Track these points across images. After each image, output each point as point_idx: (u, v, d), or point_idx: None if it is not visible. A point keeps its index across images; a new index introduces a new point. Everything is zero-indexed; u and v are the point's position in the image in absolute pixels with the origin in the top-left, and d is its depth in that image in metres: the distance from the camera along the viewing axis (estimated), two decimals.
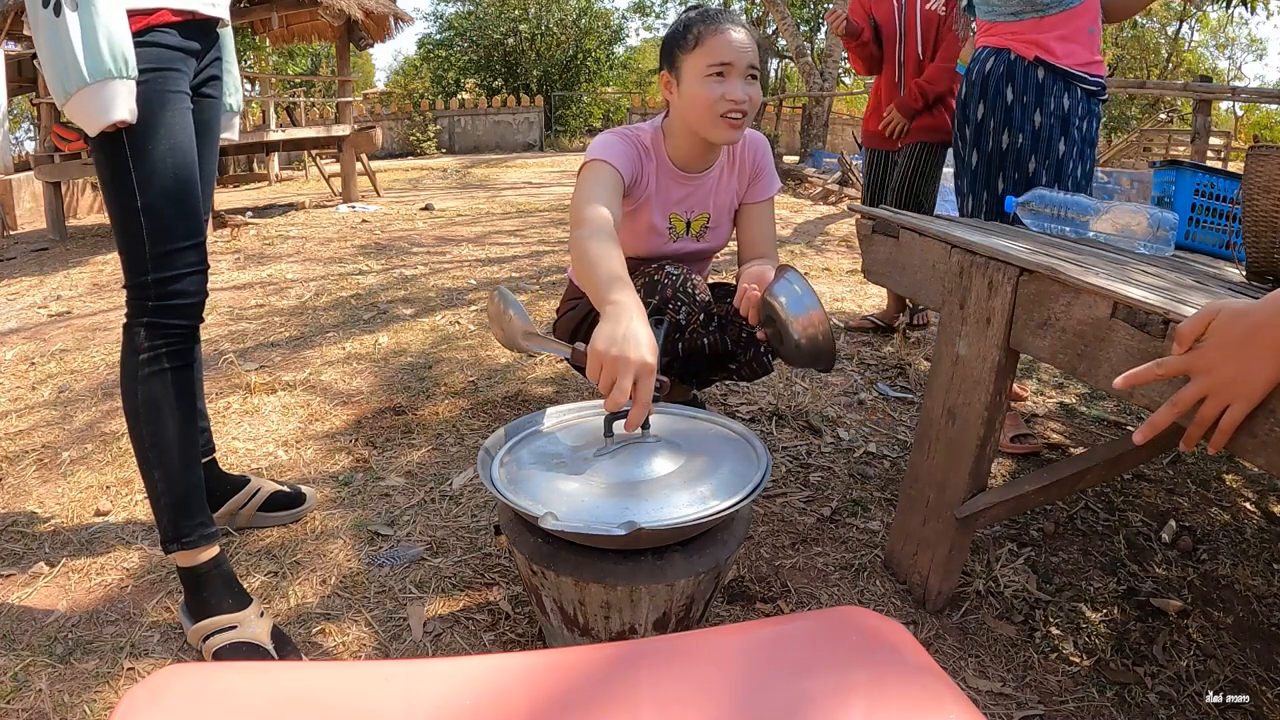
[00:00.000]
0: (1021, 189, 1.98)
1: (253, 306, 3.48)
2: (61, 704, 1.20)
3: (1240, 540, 1.69)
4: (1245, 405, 0.81)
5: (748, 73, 1.47)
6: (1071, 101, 1.91)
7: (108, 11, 1.11)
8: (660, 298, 1.44)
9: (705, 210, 1.65)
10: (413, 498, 1.79)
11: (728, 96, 1.45)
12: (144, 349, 1.27)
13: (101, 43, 1.10)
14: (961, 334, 1.32)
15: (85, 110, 1.12)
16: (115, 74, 1.11)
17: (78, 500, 1.80)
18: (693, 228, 1.65)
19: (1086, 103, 1.94)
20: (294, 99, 10.78)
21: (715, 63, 1.44)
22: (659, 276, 1.46)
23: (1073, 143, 1.93)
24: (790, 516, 1.72)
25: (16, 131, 18.08)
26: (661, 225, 1.61)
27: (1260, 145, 1.50)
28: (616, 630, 1.10)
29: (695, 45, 1.46)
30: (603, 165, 1.46)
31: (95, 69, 1.10)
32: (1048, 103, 1.91)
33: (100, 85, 1.11)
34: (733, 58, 1.44)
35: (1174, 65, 21.64)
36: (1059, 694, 1.24)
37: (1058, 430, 2.21)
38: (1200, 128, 6.39)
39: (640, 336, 1.04)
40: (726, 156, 1.64)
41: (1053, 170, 1.94)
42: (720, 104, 1.45)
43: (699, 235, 1.66)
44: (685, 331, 1.50)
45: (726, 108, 1.45)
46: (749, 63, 1.46)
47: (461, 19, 20.46)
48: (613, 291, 1.13)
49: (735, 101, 1.45)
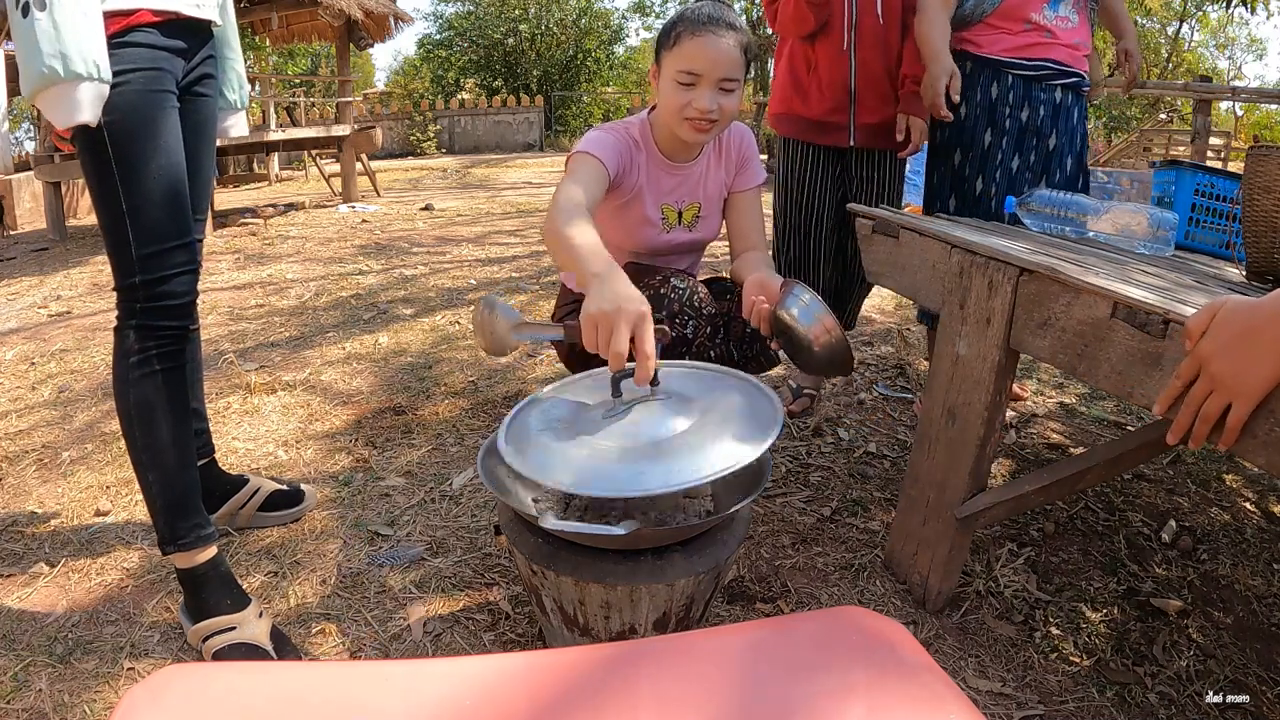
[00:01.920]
0: (949, 182, 1.99)
1: (253, 306, 3.48)
2: (61, 704, 1.20)
3: (1240, 540, 1.69)
4: (1248, 402, 0.81)
5: (720, 84, 1.44)
6: (1000, 89, 1.90)
7: (77, 14, 1.10)
8: (668, 312, 1.44)
9: (696, 200, 1.66)
10: (413, 498, 1.79)
11: (695, 104, 1.43)
12: (134, 351, 1.27)
13: (69, 44, 1.09)
14: (961, 334, 1.32)
15: (50, 110, 1.11)
16: (84, 75, 1.10)
17: (78, 500, 1.80)
18: (684, 218, 1.66)
19: (1025, 89, 1.90)
20: (294, 99, 10.78)
21: (685, 69, 1.43)
22: (665, 290, 1.45)
23: (1003, 132, 1.91)
24: (790, 516, 1.72)
25: (16, 131, 18.07)
26: (655, 216, 1.62)
27: (1260, 145, 1.50)
28: (616, 630, 1.10)
29: (674, 46, 1.45)
30: (585, 157, 1.46)
31: (62, 70, 1.09)
32: (973, 95, 1.91)
33: (66, 86, 1.09)
34: (704, 69, 1.42)
35: (1174, 65, 21.64)
36: (1059, 694, 1.24)
37: (1058, 430, 2.21)
38: (1200, 128, 6.39)
39: (629, 292, 1.04)
40: (713, 146, 1.65)
41: (977, 161, 1.94)
42: (687, 110, 1.44)
43: (691, 225, 1.67)
44: (693, 345, 1.51)
45: (692, 114, 1.44)
46: (723, 75, 1.43)
47: (461, 19, 20.45)
48: (593, 264, 1.12)
49: (702, 111, 1.43)
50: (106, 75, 1.13)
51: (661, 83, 1.49)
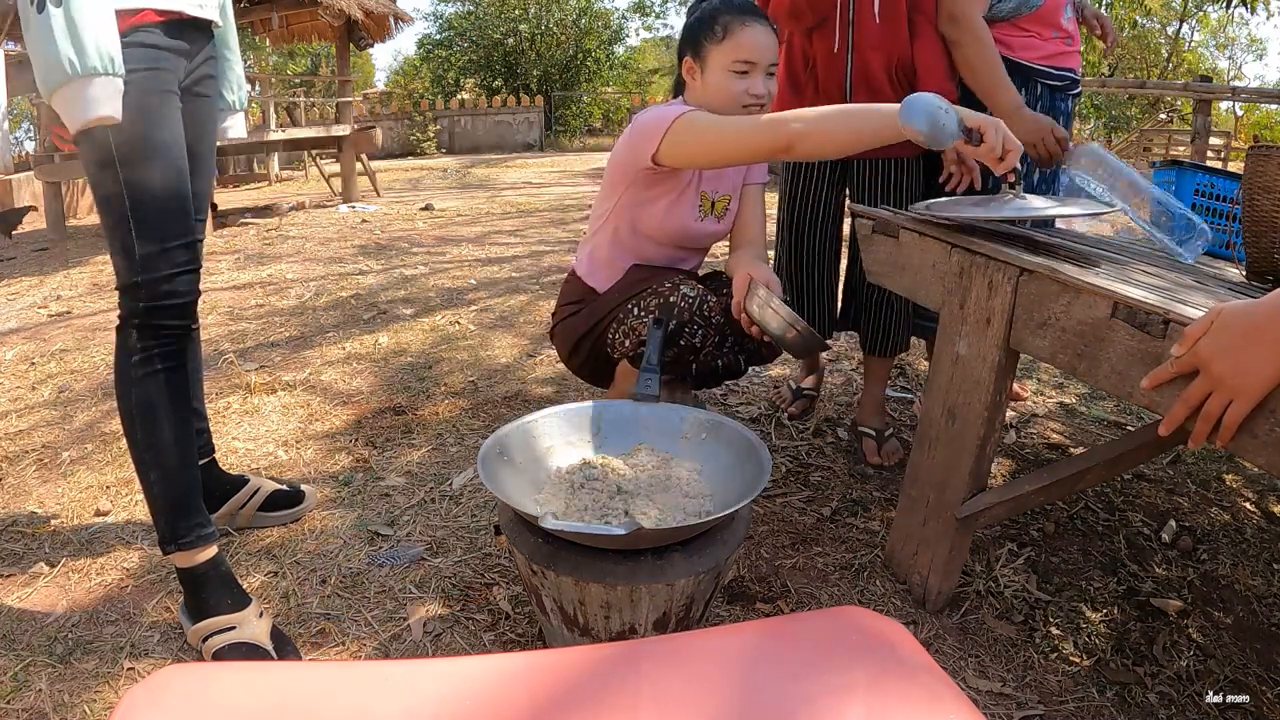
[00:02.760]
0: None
1: (253, 306, 3.48)
2: (61, 704, 1.20)
3: (1240, 540, 1.69)
4: (1248, 401, 0.81)
5: (769, 69, 1.54)
6: (1029, 97, 1.89)
7: (92, 8, 1.10)
8: (678, 321, 1.46)
9: (728, 191, 1.71)
10: (413, 498, 1.79)
11: (751, 91, 1.53)
12: (137, 350, 1.27)
13: (86, 39, 1.09)
14: (961, 334, 1.32)
15: (68, 107, 1.11)
16: (100, 70, 1.10)
17: (78, 500, 1.80)
18: (717, 207, 1.70)
19: (1050, 99, 1.91)
20: (294, 99, 10.77)
21: (742, 59, 1.52)
22: (675, 299, 1.47)
23: None
24: (790, 516, 1.72)
25: (16, 131, 18.07)
26: (696, 202, 1.67)
27: (1260, 145, 1.50)
28: (616, 630, 1.10)
29: (724, 38, 1.53)
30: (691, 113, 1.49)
31: (79, 65, 1.09)
32: None
33: (84, 81, 1.10)
34: (758, 57, 1.52)
35: (1174, 65, 21.64)
36: (1059, 694, 1.24)
37: (1058, 430, 2.21)
38: (1200, 128, 6.40)
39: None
40: None
41: None
42: (743, 98, 1.53)
43: (720, 216, 1.72)
44: (700, 354, 1.53)
45: (749, 101, 1.53)
46: (771, 60, 1.54)
47: (461, 19, 20.43)
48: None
49: (757, 96, 1.54)
50: (121, 70, 1.14)
51: (709, 74, 1.55)
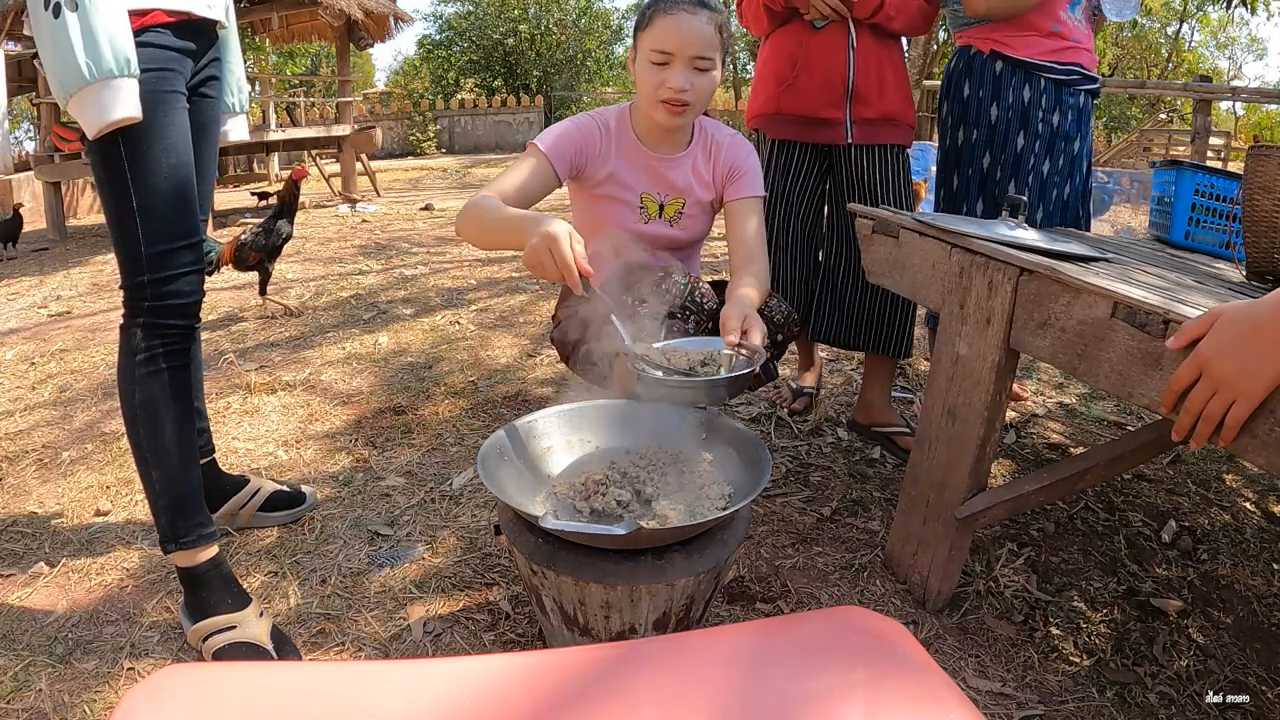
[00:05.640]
0: (977, 185, 1.98)
1: (253, 306, 3.48)
2: (61, 704, 1.20)
3: (1240, 540, 1.69)
4: (1250, 402, 0.82)
5: (694, 63, 1.43)
6: (1033, 93, 1.89)
7: (107, 11, 1.11)
8: (669, 307, 1.44)
9: (680, 196, 1.63)
10: (413, 498, 1.79)
11: (667, 83, 1.43)
12: (141, 349, 1.27)
13: (102, 42, 1.10)
14: (961, 334, 1.32)
15: (86, 110, 1.12)
16: (117, 72, 1.11)
17: (78, 500, 1.80)
18: (666, 211, 1.62)
19: (1055, 93, 1.90)
20: (294, 99, 10.78)
21: (658, 49, 1.42)
22: (666, 285, 1.45)
23: (1035, 135, 1.91)
24: (790, 516, 1.72)
25: (16, 131, 18.08)
26: (633, 201, 1.60)
27: (1260, 145, 1.50)
28: (616, 630, 1.10)
29: (648, 26, 1.45)
30: (533, 152, 1.49)
31: (96, 68, 1.10)
32: (1005, 95, 1.90)
33: (102, 84, 1.11)
34: (675, 46, 1.41)
35: (1174, 65, 21.64)
36: (1059, 694, 1.24)
37: (1058, 430, 2.21)
38: (1200, 128, 6.40)
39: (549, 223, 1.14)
40: (701, 146, 1.62)
41: (1010, 165, 1.93)
42: (660, 90, 1.44)
43: (673, 221, 1.64)
44: None
45: (665, 95, 1.43)
46: (696, 53, 1.42)
47: (461, 19, 20.44)
48: (525, 221, 1.21)
49: (674, 90, 1.42)
50: (137, 70, 1.14)
51: (638, 65, 1.49)
